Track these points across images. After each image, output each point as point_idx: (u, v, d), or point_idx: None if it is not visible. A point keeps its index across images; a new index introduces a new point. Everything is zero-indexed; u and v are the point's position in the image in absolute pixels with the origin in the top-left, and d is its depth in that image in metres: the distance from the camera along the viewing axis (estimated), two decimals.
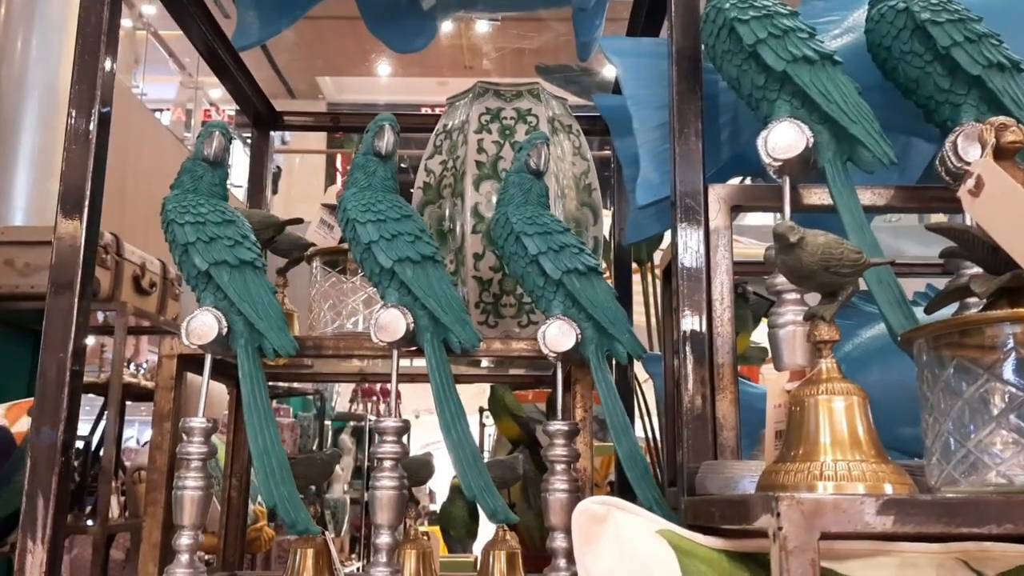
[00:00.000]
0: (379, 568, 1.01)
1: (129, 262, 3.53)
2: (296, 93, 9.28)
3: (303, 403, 6.02)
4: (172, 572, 0.99)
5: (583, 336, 1.06)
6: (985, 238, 0.72)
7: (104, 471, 3.08)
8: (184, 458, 1.03)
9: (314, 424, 6.00)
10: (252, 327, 1.05)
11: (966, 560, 0.74)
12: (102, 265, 3.18)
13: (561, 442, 1.05)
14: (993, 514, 0.58)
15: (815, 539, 0.58)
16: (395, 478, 1.03)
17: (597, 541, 0.76)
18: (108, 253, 3.43)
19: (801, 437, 0.70)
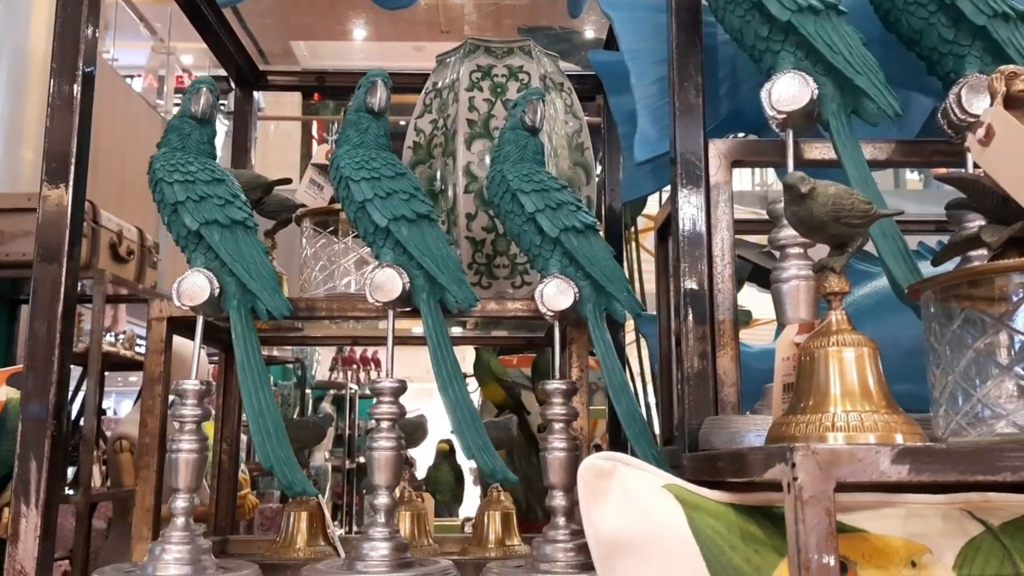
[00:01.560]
0: (378, 528, 1.00)
1: (106, 229, 3.46)
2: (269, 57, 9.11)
3: (283, 372, 5.99)
4: (168, 535, 0.97)
5: (581, 294, 1.05)
6: (995, 188, 0.72)
7: (85, 440, 3.05)
8: (178, 420, 1.01)
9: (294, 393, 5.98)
10: (245, 288, 1.03)
11: (970, 510, 0.74)
12: None
13: (559, 400, 1.05)
14: (1007, 462, 0.58)
15: (831, 489, 0.58)
16: (392, 439, 1.02)
17: (604, 496, 0.76)
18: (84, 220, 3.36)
19: (811, 388, 0.69)
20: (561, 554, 0.97)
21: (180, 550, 0.96)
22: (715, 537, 0.71)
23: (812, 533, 0.57)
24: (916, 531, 0.72)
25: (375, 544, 0.99)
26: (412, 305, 1.06)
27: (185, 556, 0.96)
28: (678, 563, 0.71)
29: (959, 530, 0.72)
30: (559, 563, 0.97)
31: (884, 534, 0.71)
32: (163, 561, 0.95)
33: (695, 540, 0.72)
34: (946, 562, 0.70)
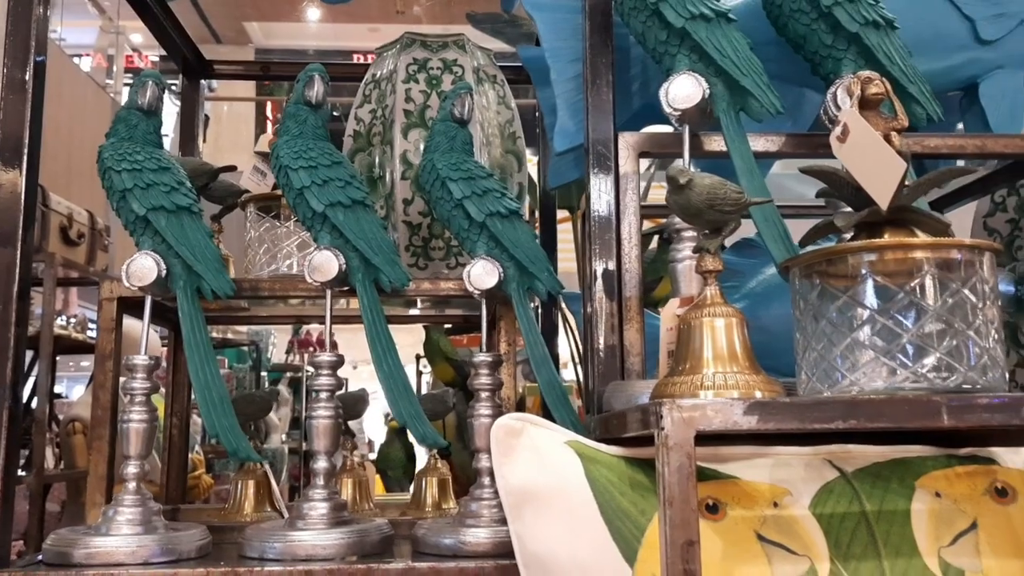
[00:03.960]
0: (317, 490, 1.09)
1: (56, 212, 3.47)
2: (223, 39, 9.03)
3: (238, 354, 6.01)
4: (120, 499, 1.05)
5: (505, 275, 1.14)
6: (850, 179, 0.82)
7: (38, 423, 3.08)
8: (129, 393, 1.08)
9: (250, 375, 5.99)
10: (190, 269, 1.10)
11: (831, 460, 0.85)
12: None
13: (485, 371, 1.14)
14: (837, 412, 0.69)
15: (691, 437, 0.68)
16: (331, 408, 1.11)
17: (513, 452, 0.86)
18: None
19: (688, 353, 0.79)
20: (486, 510, 1.07)
21: (132, 512, 1.04)
22: (607, 485, 0.82)
23: (675, 475, 0.68)
24: (781, 477, 0.83)
25: (314, 504, 1.08)
26: (348, 285, 1.15)
27: (137, 517, 1.04)
28: (575, 508, 0.81)
29: (818, 476, 0.83)
30: (483, 518, 1.06)
31: (753, 480, 0.82)
32: (116, 522, 1.03)
33: (590, 488, 0.82)
34: (803, 502, 0.81)
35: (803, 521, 0.79)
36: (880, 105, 0.84)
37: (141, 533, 1.02)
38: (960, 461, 0.85)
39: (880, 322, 0.77)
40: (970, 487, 0.82)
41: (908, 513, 0.80)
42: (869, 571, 0.77)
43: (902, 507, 0.80)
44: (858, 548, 0.78)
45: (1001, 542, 0.79)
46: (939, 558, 0.78)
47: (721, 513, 0.79)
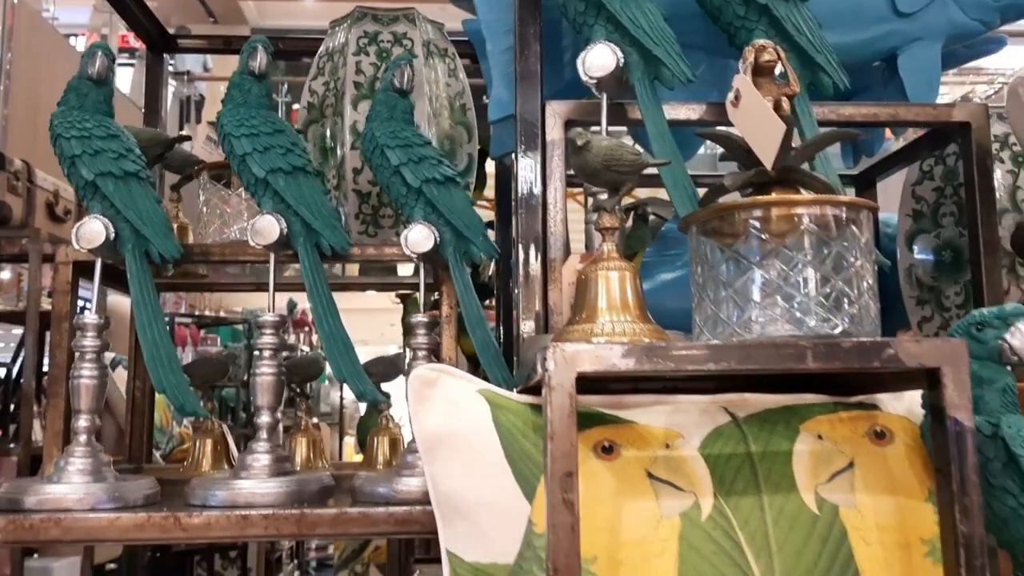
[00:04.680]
0: (261, 443, 1.15)
1: (42, 189, 3.52)
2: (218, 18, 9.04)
3: (232, 333, 6.07)
4: (72, 450, 1.11)
5: (442, 239, 1.20)
6: (742, 142, 0.87)
7: (25, 397, 3.14)
8: (80, 351, 1.14)
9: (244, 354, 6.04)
10: (138, 233, 1.16)
11: (726, 406, 0.91)
12: (13, 192, 3.20)
13: (423, 332, 1.19)
14: (709, 356, 0.74)
15: (572, 377, 0.73)
16: (273, 366, 1.16)
17: (428, 400, 0.91)
18: (19, 180, 3.42)
19: (585, 304, 0.85)
20: (419, 462, 1.12)
21: (82, 462, 1.10)
22: (512, 429, 0.87)
23: (557, 412, 0.73)
24: (676, 422, 0.88)
25: (257, 456, 1.14)
26: (291, 249, 1.20)
27: (87, 467, 1.10)
28: (482, 450, 0.87)
29: (710, 421, 0.88)
30: (417, 469, 1.12)
31: (649, 424, 0.88)
32: (67, 472, 1.09)
33: (496, 432, 0.87)
34: (693, 444, 0.86)
35: (691, 461, 0.85)
36: (773, 72, 0.89)
37: (90, 482, 1.08)
38: (846, 408, 0.90)
39: (762, 275, 0.82)
40: (851, 430, 0.87)
41: (790, 454, 0.85)
42: (749, 506, 0.82)
43: (785, 448, 0.86)
44: (740, 485, 0.83)
45: (875, 480, 0.84)
46: (816, 494, 0.83)
47: (615, 454, 0.85)
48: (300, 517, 1.05)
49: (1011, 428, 0.77)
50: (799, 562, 0.80)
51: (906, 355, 0.75)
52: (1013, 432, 0.77)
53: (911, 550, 0.82)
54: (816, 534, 0.81)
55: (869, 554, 0.81)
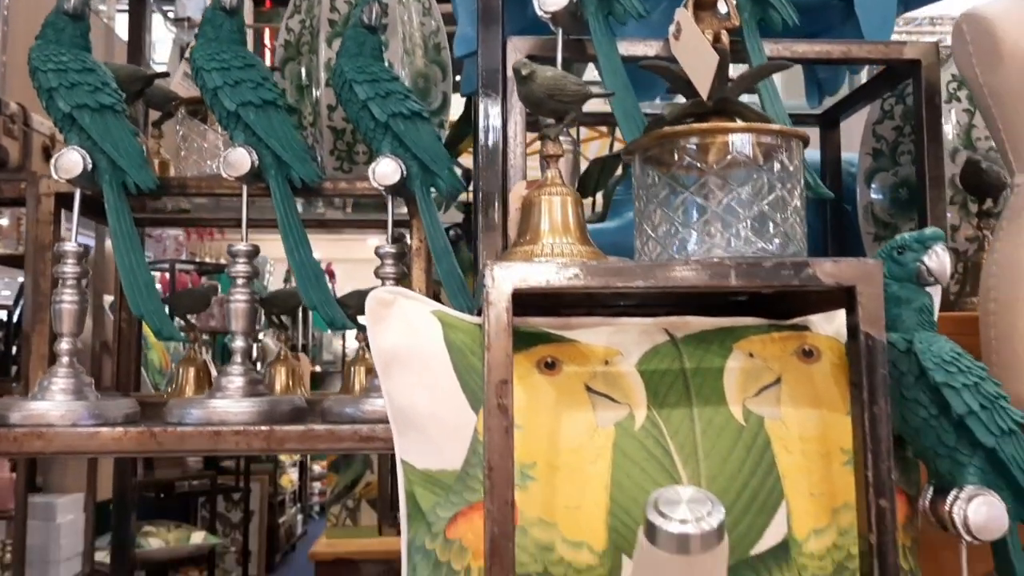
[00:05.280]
0: (235, 366, 1.20)
1: (38, 132, 3.55)
2: None
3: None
4: (54, 371, 1.17)
5: (409, 173, 1.24)
6: (682, 74, 0.91)
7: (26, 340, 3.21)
8: (60, 277, 1.19)
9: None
10: (115, 165, 1.20)
11: (667, 328, 0.96)
12: (9, 135, 3.23)
13: (390, 262, 1.24)
14: (638, 275, 0.79)
15: (508, 293, 0.78)
16: (247, 293, 1.21)
17: (384, 320, 0.96)
18: (15, 123, 3.45)
19: (528, 227, 0.89)
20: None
21: (65, 382, 1.16)
22: (462, 347, 0.92)
23: (494, 325, 0.78)
24: (616, 341, 0.93)
25: (231, 378, 1.19)
26: (264, 181, 1.24)
27: (69, 386, 1.16)
28: (434, 367, 0.92)
29: (649, 340, 0.94)
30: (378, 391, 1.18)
31: (591, 343, 0.93)
32: (49, 391, 1.15)
33: (447, 350, 0.92)
34: (631, 360, 0.91)
35: (628, 376, 0.90)
36: (715, 6, 0.92)
37: (72, 400, 1.14)
38: (779, 329, 0.95)
39: (696, 200, 0.87)
40: (781, 349, 0.92)
41: (722, 370, 0.91)
42: (680, 417, 0.88)
43: (717, 365, 0.91)
44: (673, 398, 0.89)
45: (800, 395, 0.90)
46: (743, 407, 0.89)
47: (557, 369, 0.90)
48: (269, 433, 1.11)
49: (922, 344, 0.82)
50: (724, 468, 0.86)
51: (824, 274, 0.80)
52: (924, 347, 0.82)
53: (831, 459, 0.87)
54: (741, 443, 0.87)
55: (790, 461, 0.87)
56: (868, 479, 0.78)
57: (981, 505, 0.81)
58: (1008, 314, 1.00)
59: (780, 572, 0.83)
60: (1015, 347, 0.99)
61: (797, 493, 0.86)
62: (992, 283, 1.02)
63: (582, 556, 0.83)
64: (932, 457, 0.85)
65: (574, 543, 0.84)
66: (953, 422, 0.82)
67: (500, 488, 0.77)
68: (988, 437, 0.81)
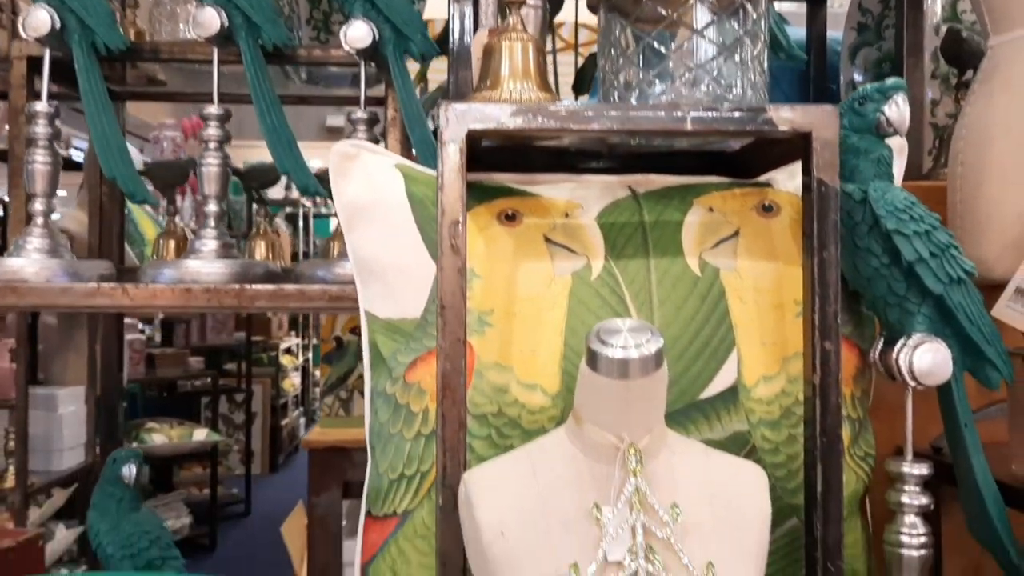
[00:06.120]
0: (208, 229, 1.21)
1: None
2: None
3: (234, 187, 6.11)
4: (29, 230, 1.18)
5: (381, 37, 1.22)
6: None
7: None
8: (33, 138, 1.19)
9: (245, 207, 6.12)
10: (83, 24, 1.18)
11: (631, 184, 0.96)
12: None
13: (363, 128, 1.24)
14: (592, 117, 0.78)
15: (463, 134, 0.78)
16: (219, 157, 1.21)
17: (348, 174, 0.97)
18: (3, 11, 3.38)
19: (489, 72, 0.89)
20: None
21: (40, 242, 1.17)
22: (423, 199, 0.93)
23: (448, 165, 0.79)
24: (578, 195, 0.94)
25: (205, 241, 1.21)
26: (235, 45, 1.23)
27: (45, 247, 1.17)
28: (396, 219, 0.93)
29: (611, 195, 0.94)
30: None
31: (552, 197, 0.93)
32: (25, 249, 1.16)
33: (408, 201, 0.93)
34: (591, 213, 0.92)
35: (587, 228, 0.91)
36: None
37: (47, 257, 1.16)
38: (741, 186, 0.95)
39: (659, 47, 0.86)
40: (741, 203, 0.93)
41: (680, 223, 0.91)
42: (636, 268, 0.89)
43: (676, 218, 0.91)
44: (630, 249, 0.90)
45: (757, 248, 0.90)
46: (700, 258, 0.90)
47: (518, 221, 0.91)
48: (240, 291, 1.12)
49: (876, 192, 0.82)
50: (677, 316, 0.87)
51: (780, 119, 0.80)
52: (878, 196, 0.82)
53: (784, 310, 0.89)
54: (696, 293, 0.88)
55: (743, 311, 0.88)
56: (815, 322, 0.79)
57: (927, 352, 0.83)
58: (975, 177, 1.00)
59: (728, 415, 0.86)
60: (981, 210, 1.00)
61: (749, 341, 0.87)
62: (960, 146, 1.02)
63: (536, 398, 0.86)
64: (883, 307, 0.86)
65: (528, 385, 0.86)
66: (904, 270, 0.83)
67: (452, 326, 0.79)
68: (937, 284, 0.82)
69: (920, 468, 0.86)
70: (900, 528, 0.85)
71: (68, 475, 3.43)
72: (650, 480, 0.70)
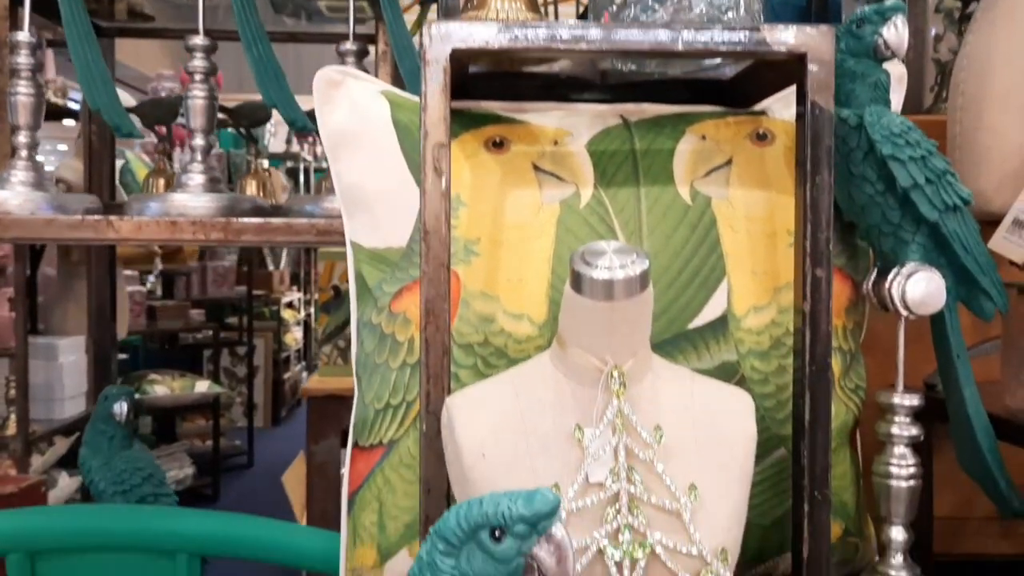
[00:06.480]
0: (195, 164, 1.20)
1: None
2: None
3: (235, 140, 6.06)
4: (13, 163, 1.16)
5: None
6: None
7: None
8: (16, 69, 1.17)
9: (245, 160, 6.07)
10: None
11: (622, 113, 0.94)
12: None
13: (351, 59, 1.21)
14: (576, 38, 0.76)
15: (446, 53, 0.76)
16: (205, 89, 1.19)
17: (333, 101, 0.94)
18: None
19: None
20: None
21: (25, 175, 1.16)
22: (409, 125, 0.91)
23: (431, 85, 0.76)
24: (568, 123, 0.91)
25: (192, 175, 1.19)
26: None
27: (29, 180, 1.16)
28: (381, 145, 0.91)
29: (601, 123, 0.92)
30: None
31: (542, 124, 0.91)
32: (10, 182, 1.15)
33: (393, 128, 0.91)
34: (581, 141, 0.90)
35: (577, 156, 0.89)
36: None
37: (31, 190, 1.14)
38: (735, 114, 0.93)
39: None
40: (735, 132, 0.90)
41: (672, 151, 0.89)
42: (626, 196, 0.87)
43: (668, 147, 0.89)
44: (620, 177, 0.88)
45: (749, 176, 0.88)
46: (691, 187, 0.88)
47: (505, 148, 0.89)
48: (227, 224, 1.11)
49: (872, 117, 0.80)
50: (667, 245, 0.86)
51: (775, 41, 0.77)
52: (874, 120, 0.80)
53: (776, 239, 0.87)
54: (686, 221, 0.87)
55: (734, 240, 0.86)
56: (806, 248, 0.78)
57: (920, 281, 0.81)
58: (975, 107, 0.97)
59: (717, 345, 0.85)
60: (980, 141, 0.97)
61: (739, 271, 0.86)
62: (962, 77, 0.99)
63: (522, 327, 0.84)
64: (877, 236, 0.85)
65: (515, 315, 0.85)
66: (898, 197, 0.81)
67: (435, 251, 0.77)
68: (932, 211, 0.80)
69: (911, 399, 0.85)
70: (889, 459, 0.85)
71: (70, 424, 3.45)
72: (634, 403, 0.69)
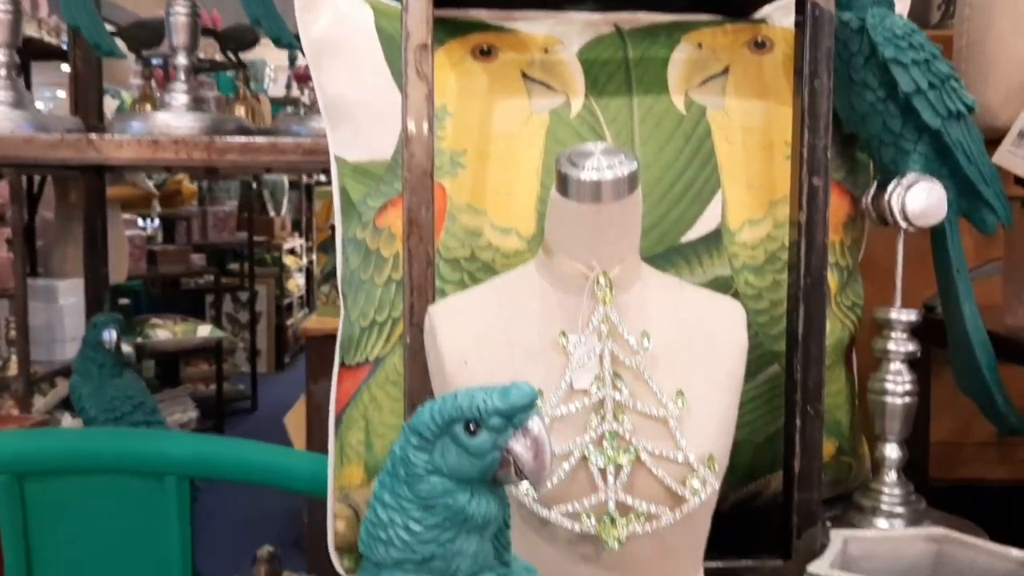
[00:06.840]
0: (178, 83, 1.16)
1: None
2: None
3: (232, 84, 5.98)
4: None
5: None
6: None
7: None
8: None
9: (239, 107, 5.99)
10: None
11: (615, 21, 0.90)
12: None
13: None
14: None
15: None
16: (187, 5, 1.16)
17: (315, 9, 0.90)
18: None
19: None
20: None
21: (4, 94, 1.13)
22: (392, 32, 0.87)
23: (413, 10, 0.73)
24: (559, 31, 0.88)
25: (175, 95, 1.16)
26: None
27: (10, 99, 1.13)
28: (364, 54, 0.88)
29: (594, 30, 0.88)
30: None
31: (532, 32, 0.88)
32: None
33: (377, 36, 0.87)
34: (572, 49, 0.86)
35: (567, 64, 0.85)
36: None
37: (11, 109, 1.12)
38: (733, 22, 0.89)
39: None
40: (732, 40, 0.87)
41: (667, 60, 0.86)
42: (618, 106, 0.84)
43: (663, 55, 0.86)
44: (612, 87, 0.84)
45: (747, 85, 0.85)
46: (686, 96, 0.84)
47: (493, 56, 0.85)
48: (209, 143, 1.08)
49: (874, 19, 0.77)
50: (660, 156, 0.83)
51: None
52: (876, 22, 0.77)
53: (773, 150, 0.84)
54: (680, 132, 0.84)
55: (729, 151, 0.84)
56: (803, 156, 0.75)
57: (921, 191, 0.78)
58: (983, 17, 0.93)
59: (711, 259, 0.82)
60: (987, 52, 0.94)
61: (734, 183, 0.83)
62: None
63: (510, 241, 0.82)
64: (877, 146, 0.82)
65: (503, 229, 0.82)
66: (900, 104, 0.78)
67: (418, 158, 0.75)
68: (934, 118, 0.77)
69: (908, 314, 0.83)
70: (885, 375, 0.83)
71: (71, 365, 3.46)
72: (621, 310, 0.67)
